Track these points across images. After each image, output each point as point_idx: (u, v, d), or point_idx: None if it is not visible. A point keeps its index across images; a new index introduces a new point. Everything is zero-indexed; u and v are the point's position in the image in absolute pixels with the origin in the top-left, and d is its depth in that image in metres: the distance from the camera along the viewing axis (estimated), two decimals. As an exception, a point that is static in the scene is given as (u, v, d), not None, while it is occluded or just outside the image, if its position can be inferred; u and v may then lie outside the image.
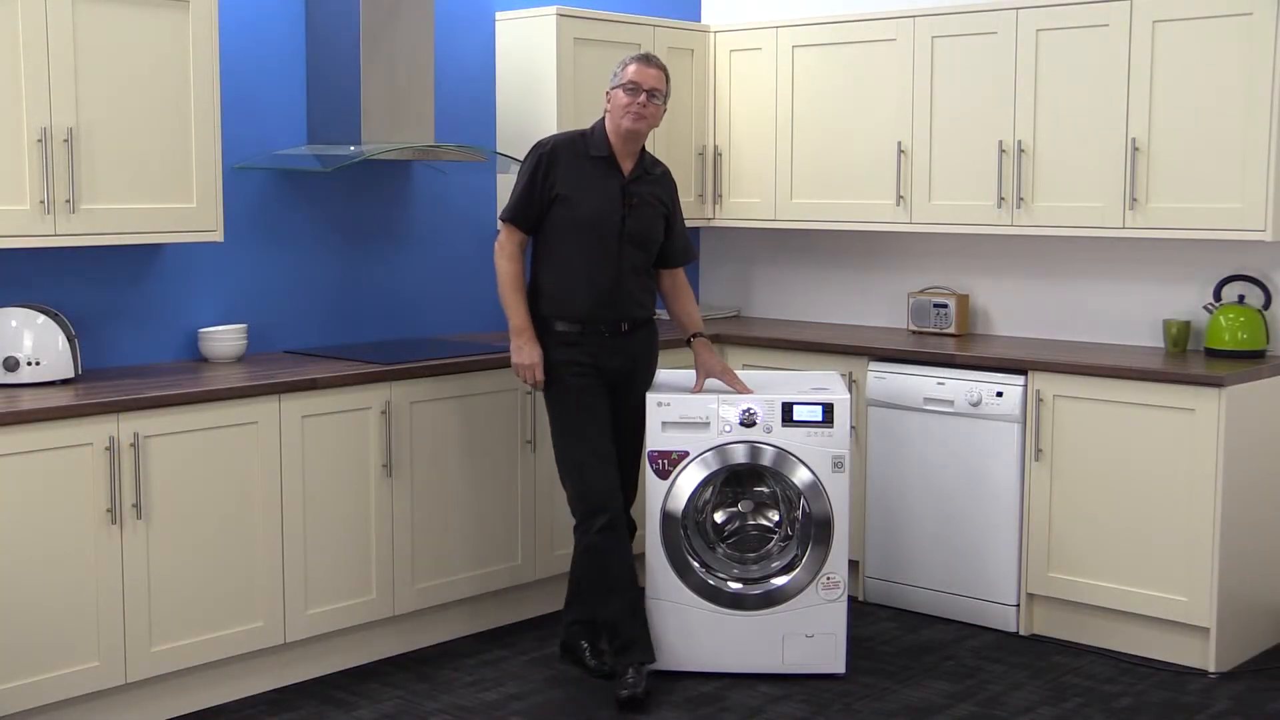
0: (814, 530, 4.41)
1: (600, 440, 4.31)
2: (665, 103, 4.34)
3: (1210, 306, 4.88)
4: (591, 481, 4.27)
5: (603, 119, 4.35)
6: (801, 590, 4.42)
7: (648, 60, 4.31)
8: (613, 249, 4.30)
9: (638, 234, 4.33)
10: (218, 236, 4.36)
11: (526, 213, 4.31)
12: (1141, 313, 5.15)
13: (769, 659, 4.44)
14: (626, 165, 4.33)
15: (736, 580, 4.46)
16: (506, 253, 4.34)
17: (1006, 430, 4.85)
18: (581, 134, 4.38)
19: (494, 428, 4.83)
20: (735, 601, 4.43)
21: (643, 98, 4.24)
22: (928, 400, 5.02)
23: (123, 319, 4.52)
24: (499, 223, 4.43)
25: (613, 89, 4.30)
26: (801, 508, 4.43)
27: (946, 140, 5.22)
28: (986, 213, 5.13)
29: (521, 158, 5.01)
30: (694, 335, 4.56)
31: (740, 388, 4.46)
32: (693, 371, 4.55)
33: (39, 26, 3.91)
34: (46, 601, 3.80)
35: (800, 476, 4.39)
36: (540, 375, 4.31)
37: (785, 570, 4.45)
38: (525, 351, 4.31)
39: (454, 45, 5.33)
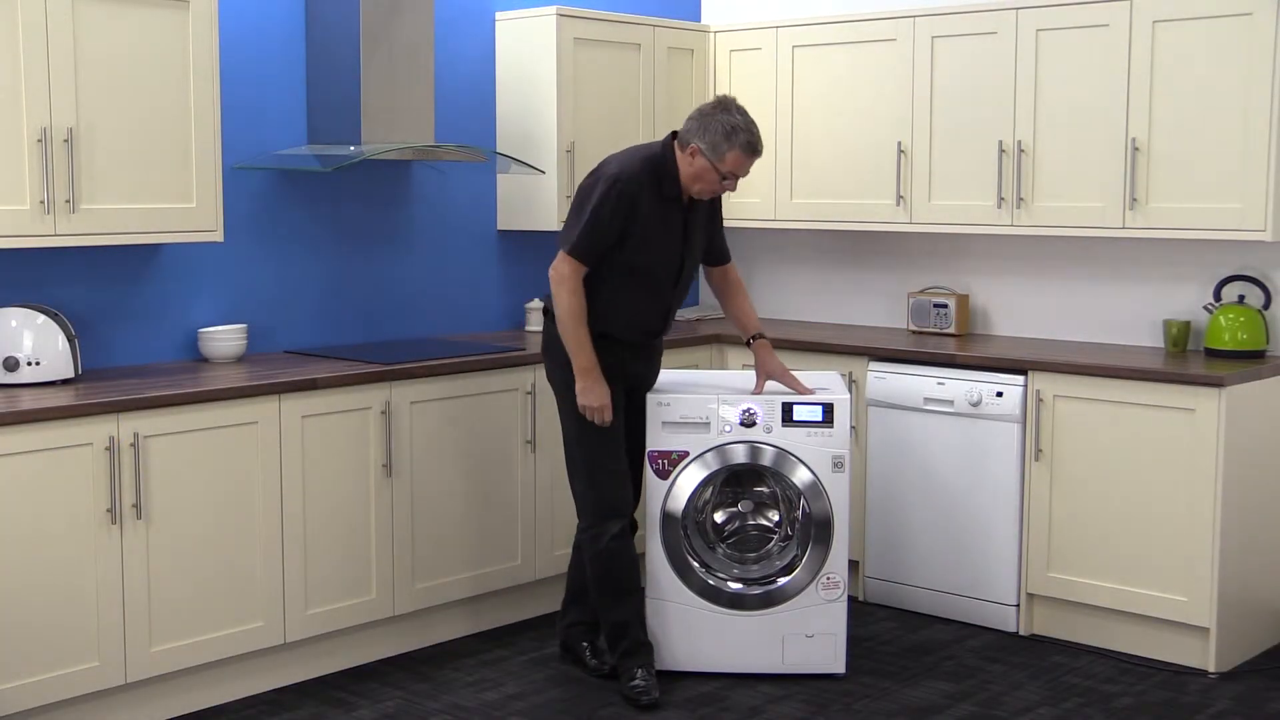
0: (814, 530, 4.40)
1: (620, 446, 4.32)
2: None
3: (1210, 306, 4.88)
4: (611, 486, 4.28)
5: (674, 154, 4.15)
6: (801, 590, 4.42)
7: (754, 150, 4.10)
8: (667, 289, 4.28)
9: (691, 270, 4.33)
10: (218, 236, 4.36)
11: (596, 251, 4.10)
12: (1141, 313, 5.15)
13: (769, 659, 4.44)
14: (687, 197, 4.24)
15: (736, 580, 4.46)
16: (569, 286, 4.10)
17: (1006, 430, 4.85)
18: (654, 168, 4.14)
19: (494, 428, 4.83)
20: (735, 601, 4.43)
21: (731, 183, 4.16)
22: (928, 400, 5.02)
23: (123, 319, 4.52)
24: (561, 253, 4.13)
25: (703, 151, 4.07)
26: (801, 508, 4.43)
27: (946, 140, 5.22)
28: (986, 213, 5.13)
29: (525, 158, 5.03)
30: (755, 337, 4.50)
31: (801, 389, 4.43)
32: (715, 372, 4.53)
33: (39, 26, 3.91)
34: (46, 601, 3.80)
35: (800, 476, 4.39)
36: (610, 416, 4.19)
37: (785, 570, 4.45)
38: (596, 392, 4.17)
39: (454, 45, 5.33)
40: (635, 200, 4.09)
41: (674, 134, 4.23)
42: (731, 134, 4.06)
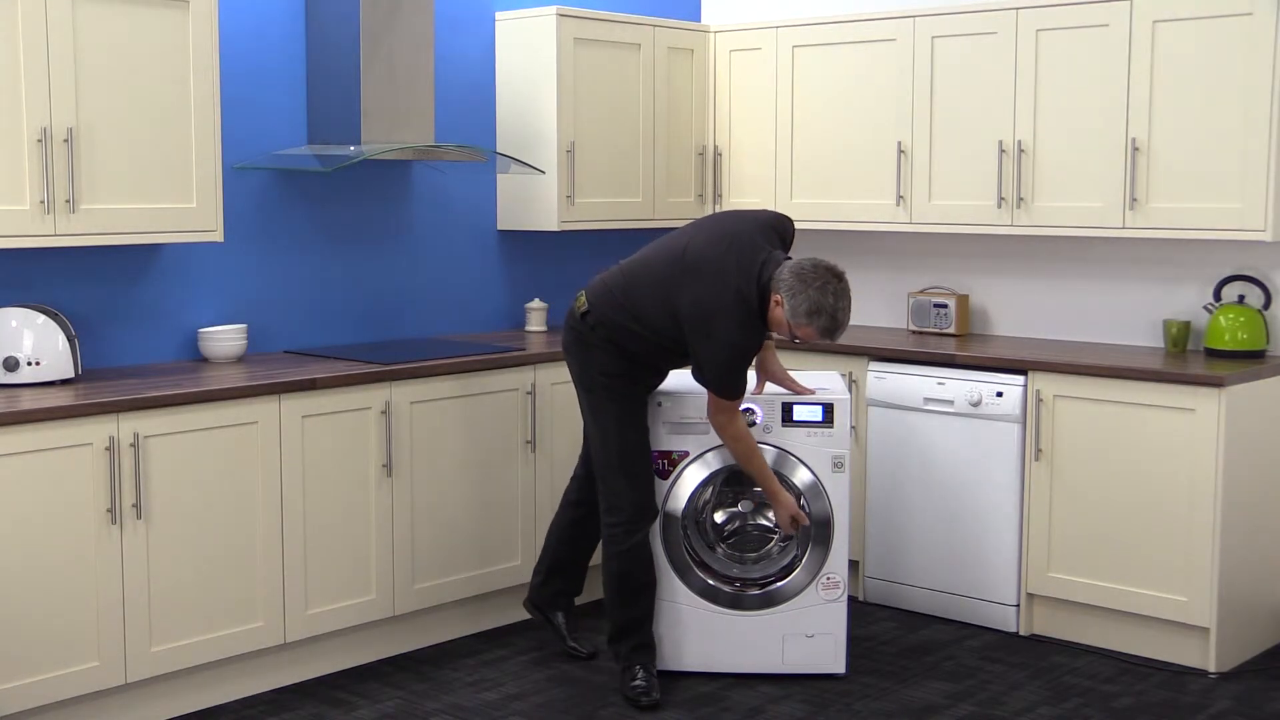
0: (814, 530, 4.40)
1: (649, 449, 4.36)
2: None
3: (1210, 306, 4.88)
4: (646, 487, 4.32)
5: (769, 300, 4.06)
6: (801, 590, 4.42)
7: (830, 337, 4.06)
8: None
9: None
10: (218, 236, 4.36)
11: (743, 387, 4.14)
12: (1141, 313, 5.15)
13: (769, 659, 4.44)
14: None
15: (736, 580, 4.46)
16: (734, 431, 4.20)
17: (1006, 430, 4.86)
18: (760, 314, 4.08)
19: (494, 428, 4.83)
20: (735, 601, 4.43)
21: (800, 342, 4.16)
22: (928, 400, 5.02)
23: (123, 319, 4.52)
24: (716, 401, 4.15)
25: (785, 311, 4.01)
26: (802, 508, 4.42)
27: (946, 140, 5.22)
28: (986, 213, 5.14)
29: (525, 158, 5.01)
30: None
31: (802, 390, 4.44)
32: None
33: (39, 26, 3.91)
34: (46, 601, 3.80)
35: (800, 477, 4.39)
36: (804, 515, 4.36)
37: (785, 571, 4.44)
38: (789, 503, 4.32)
39: (454, 45, 5.33)
40: (756, 346, 4.13)
41: (778, 235, 4.21)
42: (815, 314, 4.00)
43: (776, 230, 4.24)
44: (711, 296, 4.04)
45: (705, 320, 4.05)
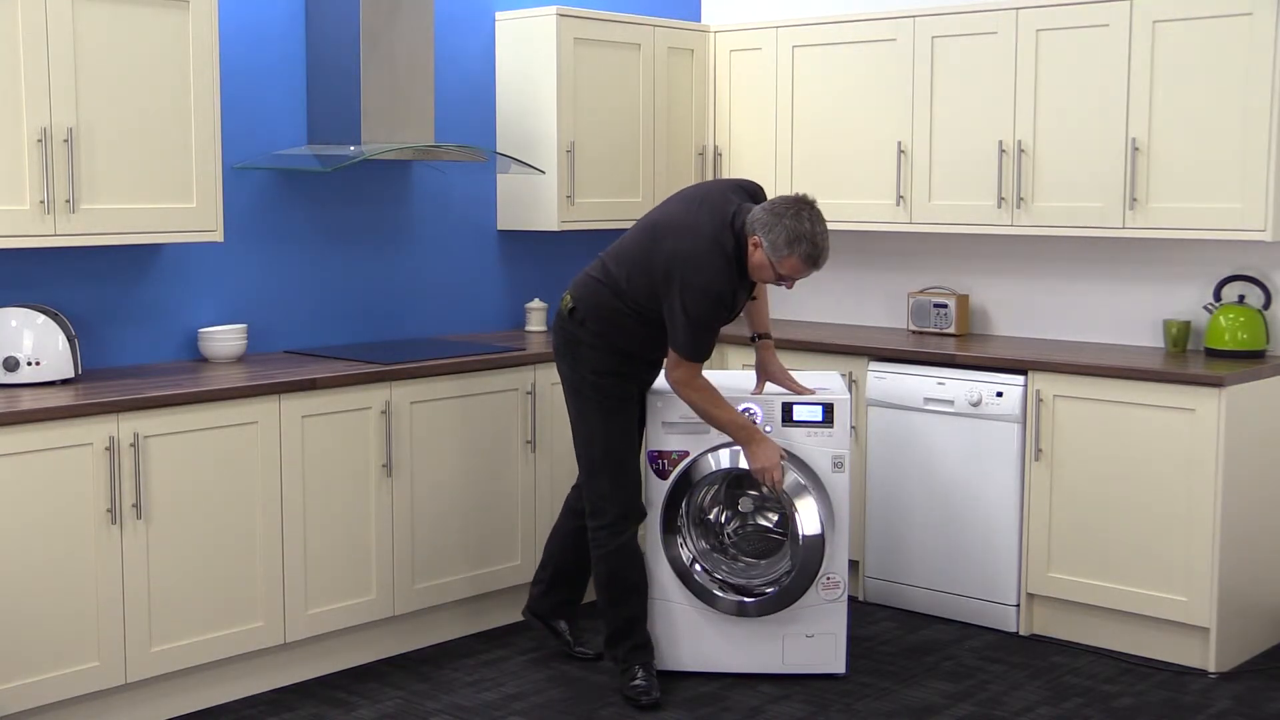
0: (808, 539, 4.40)
1: (636, 447, 4.35)
2: None
3: (1210, 306, 4.88)
4: (632, 486, 4.31)
5: (746, 249, 4.05)
6: (802, 591, 4.41)
7: (814, 263, 4.01)
8: None
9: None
10: (218, 236, 4.36)
11: (708, 348, 4.10)
12: (1141, 313, 5.15)
13: (769, 659, 4.44)
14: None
15: (737, 580, 4.45)
16: (696, 385, 4.13)
17: (1006, 430, 4.86)
18: (736, 263, 4.04)
19: (494, 428, 4.83)
20: (735, 603, 4.43)
21: (787, 284, 4.12)
22: (928, 400, 5.02)
23: (123, 319, 4.52)
24: (676, 358, 4.10)
25: (765, 250, 4.00)
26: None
27: (946, 140, 5.22)
28: (986, 213, 5.14)
29: (525, 158, 4.99)
30: (760, 335, 4.49)
31: (801, 390, 4.43)
32: (716, 373, 4.53)
33: (39, 26, 3.91)
34: (46, 601, 3.80)
35: (800, 477, 4.38)
36: (780, 475, 4.21)
37: (786, 572, 4.44)
38: (766, 452, 4.19)
39: (454, 45, 5.33)
40: (729, 301, 4.08)
41: (748, 195, 4.19)
42: (795, 241, 3.97)
43: (747, 190, 4.23)
44: (687, 246, 4.02)
45: (682, 270, 4.01)
